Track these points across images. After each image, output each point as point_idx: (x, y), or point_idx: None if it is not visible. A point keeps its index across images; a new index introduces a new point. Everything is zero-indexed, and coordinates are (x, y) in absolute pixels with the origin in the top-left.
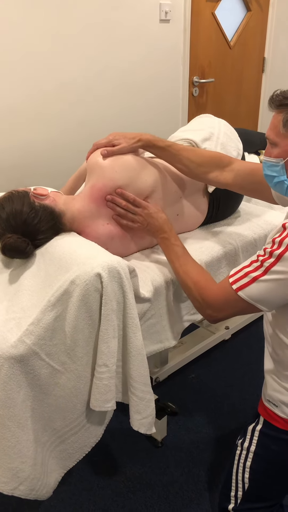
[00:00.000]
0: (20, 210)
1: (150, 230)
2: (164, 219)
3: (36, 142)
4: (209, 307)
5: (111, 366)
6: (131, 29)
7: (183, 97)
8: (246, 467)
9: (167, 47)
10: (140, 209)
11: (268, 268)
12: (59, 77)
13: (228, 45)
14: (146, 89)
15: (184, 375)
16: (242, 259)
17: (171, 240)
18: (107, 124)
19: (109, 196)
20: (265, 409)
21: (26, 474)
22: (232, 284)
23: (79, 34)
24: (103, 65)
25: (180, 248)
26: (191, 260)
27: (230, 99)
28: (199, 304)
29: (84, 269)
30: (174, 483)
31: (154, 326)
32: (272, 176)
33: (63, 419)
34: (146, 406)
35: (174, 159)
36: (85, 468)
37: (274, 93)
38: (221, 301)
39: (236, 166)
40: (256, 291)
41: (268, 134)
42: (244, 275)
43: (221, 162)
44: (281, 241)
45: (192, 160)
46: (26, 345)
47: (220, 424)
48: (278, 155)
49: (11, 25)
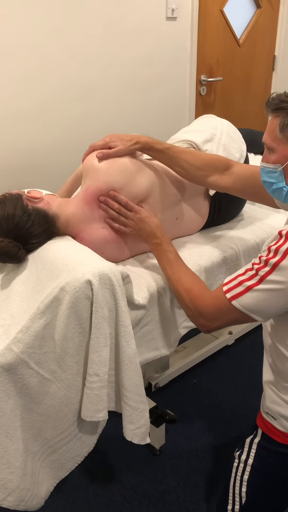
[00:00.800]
0: (13, 214)
1: (141, 235)
2: (156, 224)
3: (39, 143)
4: (202, 316)
5: (103, 375)
6: (136, 26)
7: (190, 96)
8: (243, 481)
9: (173, 45)
10: (132, 213)
11: (263, 277)
12: (62, 76)
13: (237, 43)
14: (152, 88)
15: (186, 380)
16: (243, 264)
17: (164, 246)
18: (111, 124)
19: (102, 197)
20: (264, 422)
21: (14, 484)
22: (226, 292)
23: (82, 31)
24: (107, 63)
25: (173, 254)
26: (184, 267)
27: (239, 98)
28: (192, 313)
29: (74, 276)
30: (171, 493)
31: (150, 333)
32: (270, 182)
33: (54, 429)
34: (139, 416)
35: (172, 162)
36: (81, 476)
37: (270, 97)
38: (214, 310)
39: (236, 169)
40: (251, 301)
41: (264, 139)
42: (238, 283)
43: (221, 165)
44: (277, 249)
45: (191, 163)
46: (14, 354)
47: (220, 431)
48: (276, 161)
49: (12, 23)
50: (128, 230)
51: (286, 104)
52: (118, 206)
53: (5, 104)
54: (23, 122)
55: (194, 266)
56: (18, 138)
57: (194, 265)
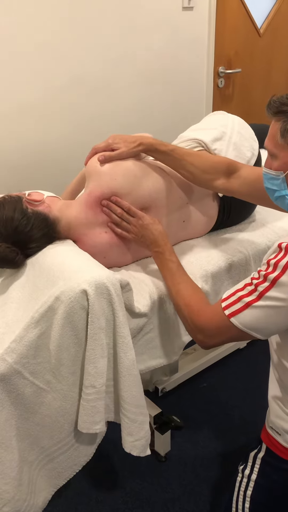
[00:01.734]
0: (11, 217)
1: (144, 242)
2: (159, 231)
3: (47, 139)
4: (200, 332)
5: (100, 387)
6: (151, 17)
7: (208, 89)
8: (246, 496)
9: (190, 36)
10: (134, 219)
11: (262, 293)
12: (73, 69)
13: (257, 33)
14: (167, 81)
15: (195, 384)
16: (253, 269)
17: (166, 255)
18: (124, 119)
19: (104, 201)
20: (268, 436)
21: (10, 495)
22: (225, 309)
23: (94, 22)
24: (121, 56)
25: (175, 264)
26: (185, 278)
27: (259, 91)
28: (190, 328)
29: (69, 285)
30: (175, 501)
31: (153, 341)
32: (273, 190)
33: (50, 438)
34: (138, 428)
35: (177, 165)
36: (83, 480)
37: (271, 99)
38: (213, 327)
39: (243, 172)
40: (250, 318)
41: (266, 144)
42: (237, 299)
43: (227, 169)
44: (276, 264)
45: (196, 166)
46: (7, 364)
47: (228, 438)
48: (278, 168)
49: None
50: (130, 236)
51: (287, 107)
52: (120, 211)
53: (13, 99)
54: (30, 117)
55: (201, 271)
56: (26, 134)
57: (201, 270)
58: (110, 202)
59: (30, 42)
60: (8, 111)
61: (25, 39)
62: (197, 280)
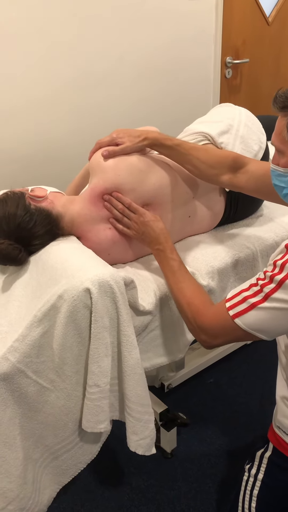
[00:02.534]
0: (14, 213)
1: (144, 239)
2: (161, 228)
3: (54, 133)
4: (203, 332)
5: (103, 386)
6: (157, 7)
7: (215, 80)
8: (252, 496)
9: (196, 26)
10: (135, 216)
11: (268, 294)
12: (78, 63)
13: (266, 21)
14: (173, 72)
15: (202, 380)
16: (261, 265)
17: (167, 253)
18: (130, 112)
19: (106, 196)
20: (275, 436)
21: (14, 493)
22: (229, 309)
23: (99, 14)
24: (126, 48)
25: (177, 263)
26: (187, 276)
27: (267, 81)
28: (193, 327)
29: (72, 283)
30: (181, 499)
31: (158, 338)
32: (281, 187)
33: (54, 436)
34: (143, 427)
35: (183, 160)
36: (90, 476)
37: (277, 93)
38: (216, 327)
39: (251, 167)
40: (254, 320)
41: (273, 140)
42: (242, 300)
43: (234, 163)
44: (283, 265)
45: (202, 161)
46: (10, 363)
47: (235, 435)
48: (286, 165)
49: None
50: (131, 232)
51: None
52: (122, 206)
53: (19, 94)
54: (37, 112)
55: (207, 267)
56: (31, 129)
57: (207, 266)
58: (111, 197)
59: (35, 37)
60: (14, 106)
61: (30, 34)
62: (203, 276)
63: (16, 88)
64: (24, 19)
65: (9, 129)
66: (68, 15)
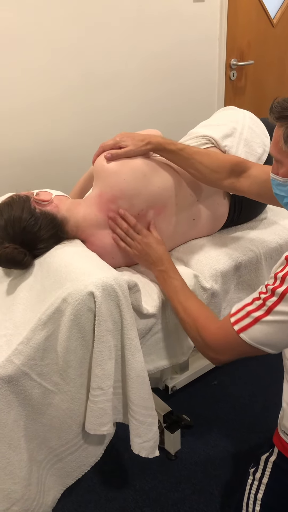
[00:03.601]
0: (19, 217)
1: (147, 260)
2: (163, 251)
3: (59, 135)
4: (211, 349)
5: (107, 388)
6: (162, 10)
7: (219, 82)
8: (257, 499)
9: (201, 28)
10: (139, 237)
11: (270, 308)
12: (83, 66)
13: (271, 23)
14: (178, 74)
15: (206, 382)
16: (265, 268)
17: (169, 273)
18: (135, 113)
19: (111, 214)
20: (280, 440)
21: (19, 495)
22: (234, 324)
23: (104, 17)
24: (131, 51)
25: (179, 282)
26: (190, 295)
27: (272, 83)
28: (200, 345)
29: (76, 287)
30: (185, 501)
31: (162, 341)
32: (282, 196)
33: (58, 439)
34: (147, 430)
35: (187, 164)
36: (94, 478)
37: (273, 103)
38: (223, 343)
39: (253, 172)
40: (259, 333)
41: (271, 150)
42: (246, 314)
43: (237, 168)
44: (284, 277)
45: (205, 165)
46: (14, 366)
47: (239, 438)
48: (285, 174)
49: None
50: (132, 252)
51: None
52: (126, 226)
53: (25, 96)
54: (42, 115)
55: (211, 270)
56: (38, 130)
57: (211, 269)
58: (117, 216)
59: (39, 40)
60: (19, 109)
61: (37, 38)
62: (206, 279)
63: (20, 91)
64: (29, 23)
65: (14, 132)
66: (73, 19)
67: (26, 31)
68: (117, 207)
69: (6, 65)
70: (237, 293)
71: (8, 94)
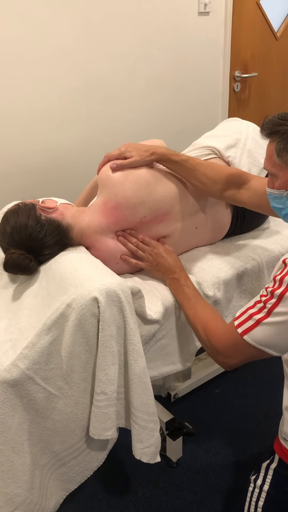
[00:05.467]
0: (25, 224)
1: (160, 270)
2: (175, 259)
3: (65, 143)
4: (219, 353)
5: (110, 393)
6: (167, 23)
7: (223, 93)
8: (258, 507)
9: (206, 41)
10: (149, 248)
11: (270, 309)
12: (89, 74)
13: (275, 36)
14: (183, 85)
15: (208, 390)
16: (267, 276)
17: (181, 281)
18: (139, 123)
19: (120, 232)
20: (281, 447)
21: (21, 498)
22: (237, 327)
23: (110, 27)
24: (137, 62)
25: (191, 289)
26: (201, 302)
27: (276, 95)
28: (209, 350)
29: (81, 292)
30: (186, 508)
31: (166, 347)
32: (279, 208)
33: (62, 443)
34: (148, 435)
35: (190, 175)
36: (96, 484)
37: (264, 121)
38: (229, 347)
39: (253, 184)
40: (261, 335)
41: (265, 165)
42: (248, 317)
43: (238, 180)
44: (282, 279)
45: (208, 177)
46: (19, 370)
47: (241, 446)
48: (280, 187)
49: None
50: (145, 264)
51: (280, 127)
52: (136, 240)
53: (31, 104)
54: (48, 122)
55: (213, 278)
56: (43, 138)
57: (213, 277)
58: (125, 233)
59: (47, 50)
60: (26, 116)
61: (43, 47)
62: (209, 287)
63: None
64: (36, 34)
65: (20, 142)
66: (80, 31)
67: (35, 43)
68: (121, 214)
69: (13, 75)
70: (239, 301)
71: (14, 104)
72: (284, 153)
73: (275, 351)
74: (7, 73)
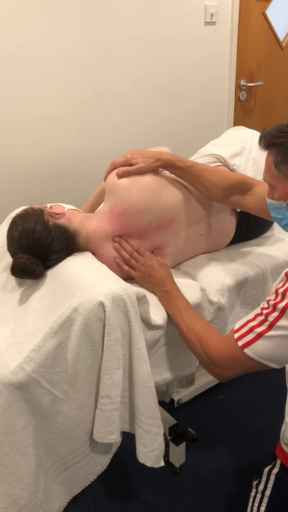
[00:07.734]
0: (33, 229)
1: (151, 282)
2: (167, 273)
3: (72, 150)
4: (216, 366)
5: (115, 397)
6: (174, 33)
7: (229, 102)
8: None
9: (212, 51)
10: (143, 259)
11: (272, 323)
12: (97, 83)
13: (280, 46)
14: (189, 94)
15: (211, 396)
16: (271, 283)
17: (173, 294)
18: (146, 132)
19: (116, 238)
20: (283, 452)
21: (26, 501)
22: (238, 340)
23: (118, 37)
24: (144, 70)
25: (183, 302)
26: (194, 314)
27: (281, 104)
28: (205, 362)
29: (87, 297)
30: None
31: (169, 353)
32: (279, 218)
33: (66, 446)
34: (152, 439)
35: (195, 181)
36: (99, 489)
37: (262, 133)
38: (228, 359)
39: (258, 190)
40: (262, 348)
41: (264, 177)
42: (249, 330)
43: (243, 186)
44: (284, 293)
45: (213, 182)
46: (25, 372)
47: (244, 452)
48: (279, 198)
49: (47, 31)
50: (136, 274)
51: (277, 139)
52: (130, 249)
53: (39, 111)
54: (56, 129)
55: (217, 284)
56: (51, 145)
57: (218, 283)
58: (121, 240)
59: (56, 59)
60: (35, 124)
61: (52, 56)
62: (213, 293)
63: (35, 108)
64: (45, 42)
65: (28, 149)
66: (88, 41)
67: (44, 51)
68: (126, 220)
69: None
70: (243, 307)
71: (22, 110)
72: (282, 165)
73: (275, 364)
74: (17, 82)
